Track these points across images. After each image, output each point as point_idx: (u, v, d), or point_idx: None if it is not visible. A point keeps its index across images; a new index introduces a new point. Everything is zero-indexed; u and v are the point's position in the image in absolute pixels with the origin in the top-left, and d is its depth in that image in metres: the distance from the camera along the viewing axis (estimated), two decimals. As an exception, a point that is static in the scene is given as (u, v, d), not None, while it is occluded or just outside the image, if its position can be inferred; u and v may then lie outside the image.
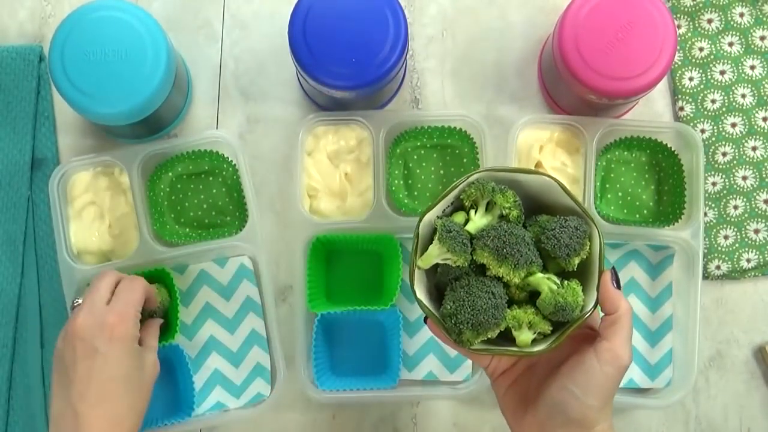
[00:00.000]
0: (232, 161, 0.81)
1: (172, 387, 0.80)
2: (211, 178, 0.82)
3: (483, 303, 0.57)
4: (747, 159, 0.82)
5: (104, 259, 0.81)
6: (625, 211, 0.82)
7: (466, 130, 0.81)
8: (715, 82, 0.83)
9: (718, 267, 0.82)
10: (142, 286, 0.71)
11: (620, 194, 0.82)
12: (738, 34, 0.83)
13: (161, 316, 0.77)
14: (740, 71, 0.83)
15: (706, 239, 0.82)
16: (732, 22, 0.83)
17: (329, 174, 0.81)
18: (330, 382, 0.79)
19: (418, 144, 0.82)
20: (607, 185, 0.82)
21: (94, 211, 0.81)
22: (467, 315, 0.57)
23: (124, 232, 0.81)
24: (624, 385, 0.80)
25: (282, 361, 0.78)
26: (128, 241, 0.80)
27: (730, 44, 0.84)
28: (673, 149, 0.80)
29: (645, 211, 0.81)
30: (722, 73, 0.83)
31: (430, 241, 0.61)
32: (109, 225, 0.81)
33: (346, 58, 0.71)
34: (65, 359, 0.66)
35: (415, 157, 0.82)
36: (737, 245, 0.82)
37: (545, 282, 0.59)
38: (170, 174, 0.82)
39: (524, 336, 0.59)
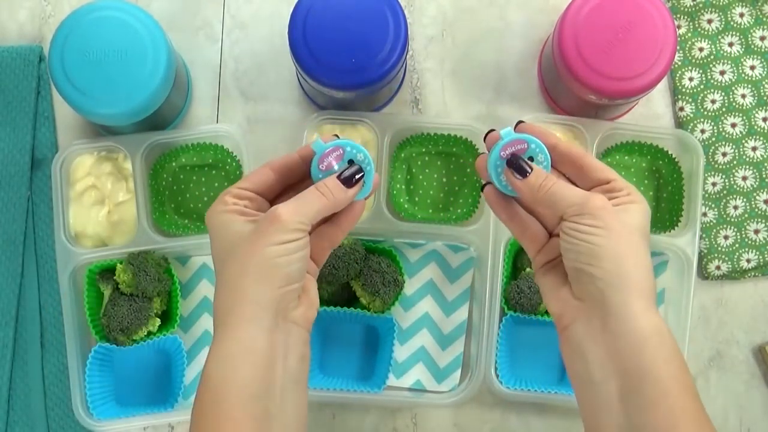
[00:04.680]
0: (236, 156, 0.81)
1: (164, 377, 0.81)
2: (214, 172, 0.82)
3: None
4: (747, 159, 0.82)
5: (101, 244, 0.81)
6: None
7: (471, 141, 0.80)
8: (715, 83, 0.83)
9: (718, 267, 0.82)
10: (258, 168, 0.60)
11: (619, 197, 0.82)
12: (738, 34, 0.83)
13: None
14: (740, 71, 0.83)
15: (706, 239, 0.82)
16: (732, 23, 0.83)
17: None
18: (316, 380, 0.79)
19: (423, 150, 0.82)
20: (607, 188, 0.82)
21: (94, 195, 0.81)
22: None
23: (122, 219, 0.81)
24: None
25: None
26: (126, 227, 0.81)
27: (730, 44, 0.84)
28: (674, 156, 0.80)
29: (643, 215, 0.81)
30: (722, 73, 0.83)
31: None
32: (109, 210, 0.81)
33: (346, 58, 0.71)
34: None
35: (419, 162, 0.82)
36: (737, 245, 0.82)
37: None
38: (174, 164, 0.82)
39: None
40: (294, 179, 0.60)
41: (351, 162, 0.59)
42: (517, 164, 0.57)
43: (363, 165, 0.59)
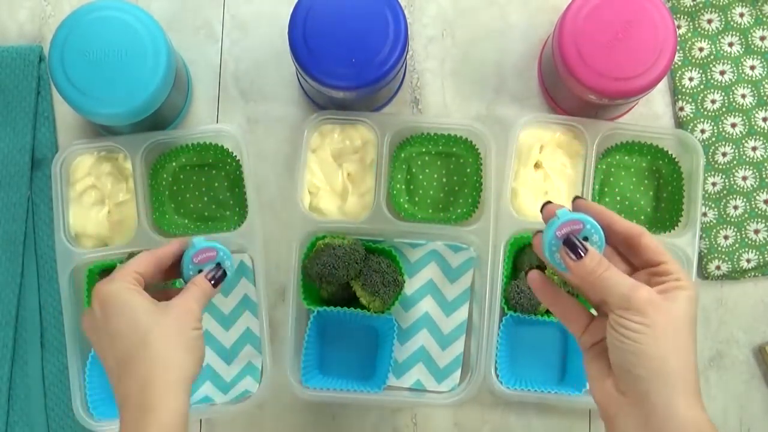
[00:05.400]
0: (235, 156, 0.81)
1: None
2: (214, 171, 0.82)
3: None
4: (747, 159, 0.82)
5: (101, 244, 0.81)
6: (623, 215, 0.80)
7: (471, 141, 0.80)
8: (715, 83, 0.83)
9: (718, 267, 0.82)
10: (143, 255, 0.66)
11: (618, 198, 0.82)
12: (738, 34, 0.83)
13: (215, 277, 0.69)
14: (740, 71, 0.83)
15: (706, 239, 0.82)
16: (732, 22, 0.83)
17: (332, 172, 0.81)
18: (316, 380, 0.79)
19: (423, 150, 0.82)
20: (606, 189, 0.82)
21: (94, 195, 0.81)
22: None
23: (123, 219, 0.81)
24: None
25: (269, 358, 0.78)
26: (126, 227, 0.81)
27: (730, 44, 0.84)
28: (674, 156, 0.80)
29: (642, 217, 0.81)
30: (722, 73, 0.83)
31: None
32: (109, 210, 0.81)
33: (346, 58, 0.71)
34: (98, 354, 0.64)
35: (419, 162, 0.82)
36: (737, 245, 0.82)
37: None
38: (174, 164, 0.82)
39: None
40: (165, 267, 0.68)
41: (218, 265, 0.68)
42: (572, 245, 0.58)
43: (228, 271, 0.68)
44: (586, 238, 0.59)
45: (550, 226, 0.59)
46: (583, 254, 0.57)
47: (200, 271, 0.68)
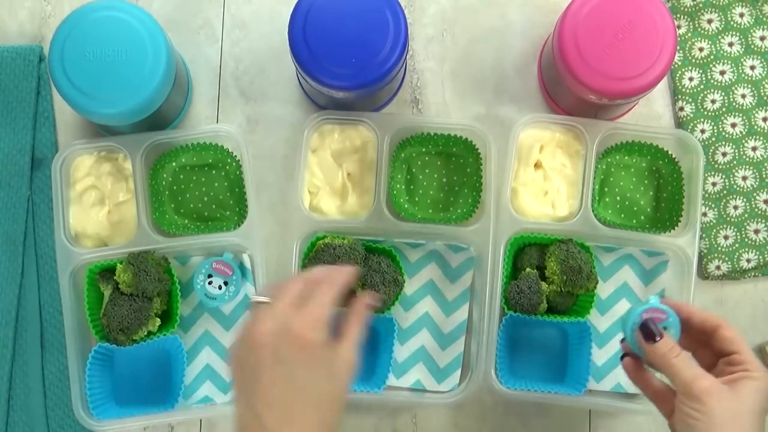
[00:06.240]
0: (236, 156, 0.81)
1: (164, 377, 0.81)
2: (213, 172, 0.82)
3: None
4: (747, 159, 0.82)
5: (101, 244, 0.81)
6: (623, 215, 0.82)
7: (471, 141, 0.80)
8: (715, 82, 0.83)
9: (718, 267, 0.82)
10: (340, 282, 0.64)
11: (618, 198, 0.82)
12: (738, 34, 0.83)
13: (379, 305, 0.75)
14: (740, 71, 0.83)
15: (706, 239, 0.82)
16: (732, 22, 0.83)
17: (332, 172, 0.81)
18: None
19: (423, 150, 0.82)
20: (606, 188, 0.82)
21: (95, 195, 0.81)
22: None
23: (123, 219, 0.81)
24: (611, 389, 0.81)
25: None
26: (126, 227, 0.81)
27: (730, 44, 0.84)
28: (674, 156, 0.80)
29: (642, 217, 0.81)
30: (722, 73, 0.83)
31: None
32: (109, 210, 0.81)
33: (346, 58, 0.71)
34: (247, 366, 0.61)
35: (419, 162, 0.82)
36: (737, 245, 0.82)
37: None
38: (173, 164, 0.82)
39: None
40: None
41: (226, 282, 0.79)
42: (648, 329, 0.64)
43: (228, 291, 0.80)
44: (665, 328, 0.64)
45: (637, 308, 0.65)
46: (658, 339, 0.63)
47: (210, 276, 0.79)
